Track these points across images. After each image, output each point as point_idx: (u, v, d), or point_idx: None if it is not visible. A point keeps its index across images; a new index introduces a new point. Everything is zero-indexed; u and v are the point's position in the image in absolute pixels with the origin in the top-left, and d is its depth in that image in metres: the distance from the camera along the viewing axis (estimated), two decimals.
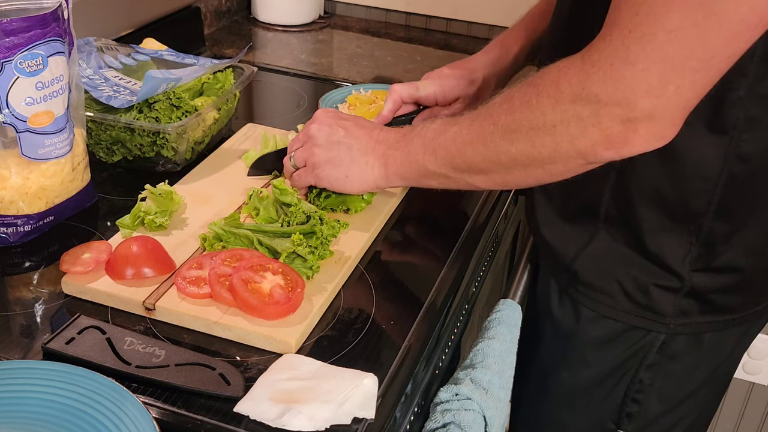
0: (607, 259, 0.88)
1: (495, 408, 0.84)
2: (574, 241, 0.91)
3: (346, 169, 0.90)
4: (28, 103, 0.85)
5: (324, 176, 0.91)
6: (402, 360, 0.77)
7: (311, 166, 0.92)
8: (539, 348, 1.02)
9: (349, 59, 1.60)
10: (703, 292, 0.86)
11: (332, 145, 0.90)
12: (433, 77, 1.07)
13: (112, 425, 0.64)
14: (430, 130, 0.84)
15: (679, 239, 0.84)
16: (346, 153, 0.90)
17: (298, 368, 0.73)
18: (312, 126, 0.93)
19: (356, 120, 0.93)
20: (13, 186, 0.88)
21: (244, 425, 0.68)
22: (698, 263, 0.85)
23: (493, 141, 0.77)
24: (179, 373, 0.72)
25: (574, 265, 0.91)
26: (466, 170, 0.82)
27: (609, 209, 0.86)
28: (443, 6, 1.74)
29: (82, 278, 0.82)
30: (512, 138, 0.75)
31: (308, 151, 0.92)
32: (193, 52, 1.24)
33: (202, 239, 0.89)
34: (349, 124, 0.91)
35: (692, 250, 0.84)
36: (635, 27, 0.65)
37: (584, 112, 0.69)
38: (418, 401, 0.81)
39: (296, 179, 0.95)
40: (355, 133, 0.90)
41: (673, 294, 0.87)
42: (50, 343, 0.74)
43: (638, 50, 0.65)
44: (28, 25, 0.82)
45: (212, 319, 0.78)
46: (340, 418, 0.68)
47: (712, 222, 0.82)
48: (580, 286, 0.92)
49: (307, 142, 0.93)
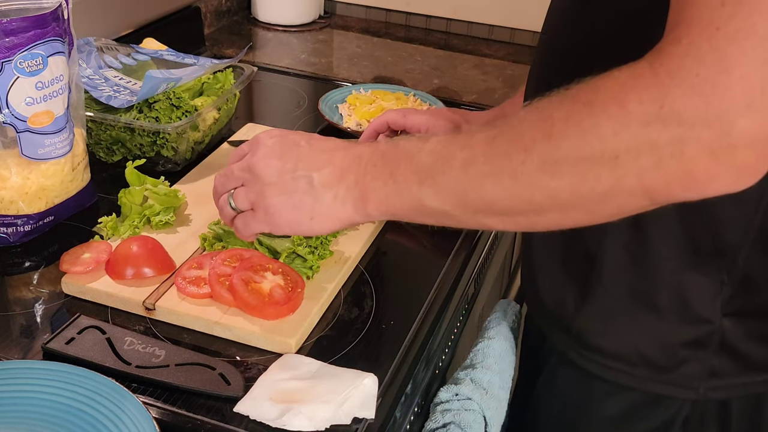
0: (616, 314, 0.75)
1: (495, 408, 0.84)
2: (571, 293, 0.77)
3: (309, 210, 0.69)
4: (28, 103, 0.85)
5: (282, 222, 0.70)
6: (402, 360, 0.77)
7: (262, 210, 0.70)
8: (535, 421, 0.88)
9: (349, 59, 1.60)
10: (738, 342, 0.73)
11: (286, 181, 0.69)
12: (425, 112, 1.04)
13: (112, 425, 0.64)
14: (425, 153, 0.63)
15: (708, 278, 0.70)
16: (306, 189, 0.68)
17: (298, 368, 0.73)
18: (256, 158, 0.71)
19: (311, 140, 0.71)
20: (13, 186, 0.88)
21: (244, 425, 0.68)
22: (732, 305, 0.71)
23: (525, 173, 0.57)
24: (179, 373, 0.72)
25: (576, 325, 0.78)
26: (480, 210, 0.62)
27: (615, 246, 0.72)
28: (443, 6, 1.74)
29: (82, 278, 0.82)
30: (554, 171, 0.56)
31: (255, 191, 0.71)
32: (193, 52, 1.24)
33: (202, 239, 0.89)
34: (304, 149, 0.70)
35: (724, 290, 0.71)
36: (725, 22, 0.50)
37: (661, 138, 0.52)
38: (418, 401, 0.81)
39: (242, 227, 0.73)
40: (314, 161, 0.69)
41: (702, 349, 0.73)
42: (50, 343, 0.74)
43: (734, 52, 0.49)
44: (27, 25, 0.82)
45: (212, 319, 0.78)
46: (340, 418, 0.68)
47: (750, 256, 0.68)
48: (585, 351, 0.78)
49: (250, 179, 0.71)
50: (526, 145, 0.57)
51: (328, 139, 0.72)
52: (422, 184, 0.63)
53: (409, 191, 0.64)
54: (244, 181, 0.72)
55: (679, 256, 0.69)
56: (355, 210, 0.68)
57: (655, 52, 0.53)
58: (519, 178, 0.58)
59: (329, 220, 0.69)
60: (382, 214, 0.67)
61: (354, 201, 0.67)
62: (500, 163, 0.58)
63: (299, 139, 0.71)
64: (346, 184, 0.67)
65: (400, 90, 1.31)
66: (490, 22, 1.72)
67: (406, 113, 1.04)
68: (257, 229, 0.72)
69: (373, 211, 0.67)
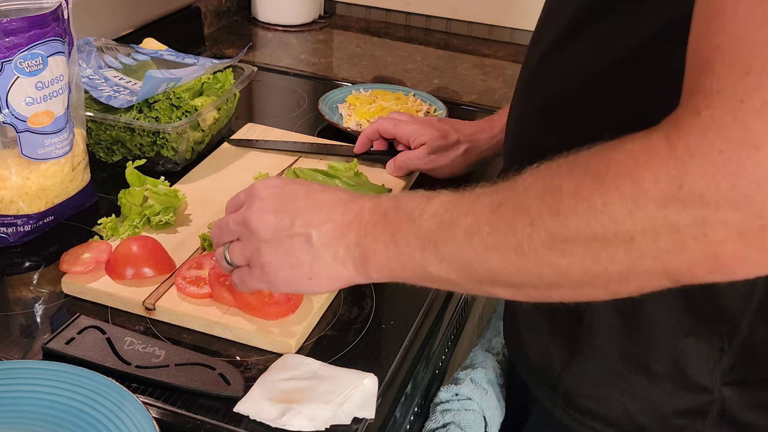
0: (606, 377, 0.71)
1: (495, 408, 0.84)
2: (558, 352, 0.73)
3: (308, 270, 0.65)
4: (28, 103, 0.85)
5: (279, 281, 0.67)
6: (402, 360, 0.77)
7: (258, 267, 0.67)
8: None
9: (349, 59, 1.60)
10: (740, 412, 0.67)
11: (283, 239, 0.65)
12: (415, 121, 1.06)
13: (112, 425, 0.64)
14: (427, 216, 0.59)
15: (706, 345, 0.66)
16: (304, 248, 0.65)
17: (298, 368, 0.73)
18: (251, 212, 0.67)
19: (309, 192, 0.67)
20: (13, 186, 0.88)
21: (244, 425, 0.68)
22: (733, 374, 0.66)
23: (532, 250, 0.53)
24: (179, 373, 0.72)
25: (563, 384, 0.73)
26: (486, 281, 0.58)
27: (605, 306, 0.68)
28: (443, 6, 1.74)
29: (82, 278, 0.82)
30: (563, 249, 0.52)
31: (251, 248, 0.67)
32: (193, 52, 1.24)
33: (202, 239, 0.89)
34: (302, 203, 0.66)
35: (724, 359, 0.66)
36: (750, 94, 0.44)
37: (682, 221, 0.47)
38: (418, 401, 0.81)
39: (238, 283, 0.70)
40: (312, 216, 0.65)
41: (699, 418, 0.68)
42: (50, 343, 0.74)
43: (762, 127, 0.44)
44: (27, 25, 0.82)
45: (212, 319, 0.78)
46: (340, 418, 0.68)
47: (753, 324, 0.64)
48: (573, 412, 0.74)
49: (246, 234, 0.68)
50: (532, 218, 0.53)
51: (327, 189, 0.68)
52: (425, 250, 0.59)
53: (412, 257, 0.60)
54: (239, 235, 0.68)
55: (675, 320, 0.65)
56: (356, 271, 0.64)
57: (671, 124, 0.48)
58: (526, 252, 0.53)
59: (329, 280, 0.66)
60: (383, 277, 0.63)
61: (355, 261, 0.63)
62: (505, 236, 0.54)
63: (297, 191, 0.67)
64: (346, 243, 0.63)
65: (400, 90, 1.31)
66: (490, 22, 1.72)
67: (397, 122, 1.06)
68: (254, 286, 0.69)
69: (374, 274, 0.63)
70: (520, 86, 0.77)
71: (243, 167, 1.07)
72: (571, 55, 0.68)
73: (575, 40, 0.67)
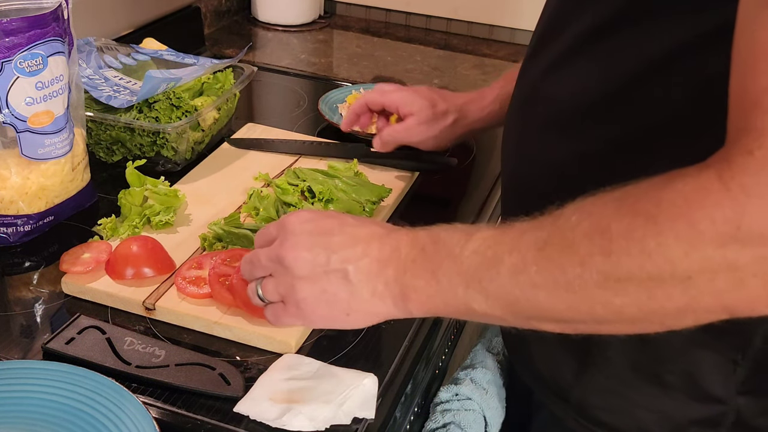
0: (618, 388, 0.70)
1: (495, 408, 0.84)
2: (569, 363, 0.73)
3: (345, 306, 0.64)
4: (28, 103, 0.85)
5: (316, 317, 0.66)
6: (402, 360, 0.77)
7: (293, 303, 0.66)
8: None
9: (349, 59, 1.60)
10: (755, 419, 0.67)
11: (319, 275, 0.64)
12: (402, 89, 1.04)
13: (112, 425, 0.64)
14: (468, 252, 0.58)
15: (720, 357, 0.65)
16: (341, 285, 0.64)
17: (298, 368, 0.73)
18: (284, 249, 0.65)
19: (343, 226, 0.66)
20: (13, 186, 0.88)
21: (244, 425, 0.68)
22: (747, 385, 0.66)
23: (583, 288, 0.52)
24: (179, 373, 0.72)
25: (575, 395, 0.73)
26: (534, 317, 0.57)
27: None
28: (443, 6, 1.74)
29: (82, 278, 0.82)
30: (617, 288, 0.51)
31: (285, 284, 0.66)
32: (193, 52, 1.24)
33: (202, 239, 0.89)
34: (337, 238, 0.65)
35: (738, 371, 0.66)
36: None
37: (741, 259, 0.47)
38: (418, 401, 0.81)
39: (272, 319, 0.69)
40: (349, 252, 0.64)
41: (714, 427, 0.68)
42: (50, 343, 0.74)
43: None
44: (27, 25, 0.82)
45: (212, 319, 0.78)
46: (340, 418, 0.68)
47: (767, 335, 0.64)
48: (586, 422, 0.73)
49: (280, 270, 0.66)
50: (582, 258, 0.52)
51: (361, 222, 0.67)
52: (468, 288, 0.58)
53: (454, 294, 0.59)
54: (272, 271, 0.67)
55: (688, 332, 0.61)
56: (395, 307, 0.63)
57: (722, 163, 0.48)
58: (577, 291, 0.53)
59: (367, 316, 0.65)
60: (424, 312, 0.62)
61: (394, 298, 0.62)
62: (554, 275, 0.53)
63: (331, 226, 0.65)
64: (385, 279, 0.62)
65: None
66: (490, 22, 1.72)
67: (384, 92, 1.03)
68: (288, 323, 0.68)
69: (415, 310, 0.62)
70: (520, 101, 0.76)
71: (243, 167, 1.07)
72: (577, 72, 0.67)
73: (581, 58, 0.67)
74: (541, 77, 0.71)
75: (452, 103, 1.03)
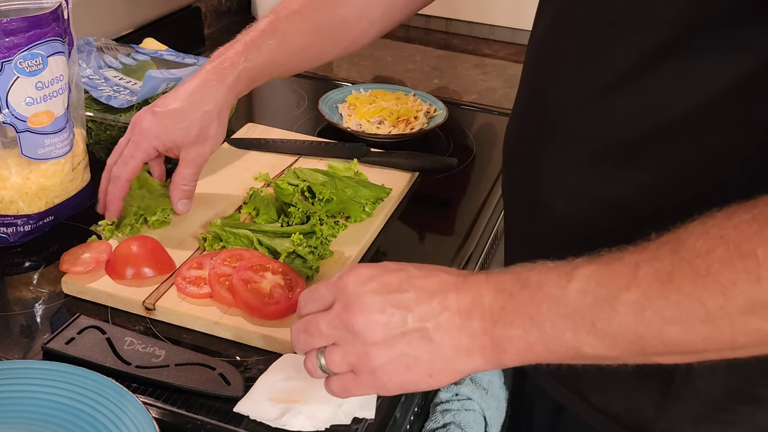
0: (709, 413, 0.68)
1: (495, 408, 0.84)
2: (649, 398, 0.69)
3: (427, 368, 0.58)
4: (28, 103, 0.85)
5: (395, 385, 0.60)
6: None
7: (368, 373, 0.59)
8: None
9: (349, 59, 1.60)
10: None
11: (396, 338, 0.58)
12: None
13: (112, 425, 0.64)
14: (572, 293, 0.54)
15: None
16: (421, 345, 0.58)
17: (298, 368, 0.73)
18: (353, 315, 0.59)
19: (410, 279, 0.60)
20: (13, 186, 0.88)
21: (244, 425, 0.68)
22: None
23: (725, 318, 0.49)
24: (179, 373, 0.72)
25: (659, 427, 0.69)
26: (660, 353, 0.54)
27: None
28: (443, 6, 1.74)
29: (82, 278, 0.82)
30: (765, 315, 0.49)
31: (356, 353, 0.59)
32: (193, 52, 1.24)
33: (202, 239, 0.89)
34: (408, 295, 0.58)
35: None
36: None
37: None
38: (418, 401, 0.81)
39: (340, 391, 0.62)
40: (425, 310, 0.58)
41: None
42: (50, 343, 0.74)
43: None
44: (27, 25, 0.82)
45: (212, 319, 0.78)
46: (340, 418, 0.68)
47: None
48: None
49: (347, 338, 0.59)
50: (723, 287, 0.48)
51: (427, 272, 0.61)
52: (578, 331, 0.53)
53: (561, 340, 0.54)
54: (336, 340, 0.60)
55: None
56: (485, 361, 0.58)
57: None
58: (717, 322, 0.49)
59: (451, 374, 0.59)
60: (521, 362, 0.57)
61: (483, 351, 0.57)
62: (689, 308, 0.50)
63: (398, 282, 0.59)
64: (471, 333, 0.57)
65: (400, 90, 1.31)
66: (490, 22, 1.72)
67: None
68: (362, 393, 0.62)
69: (510, 362, 0.57)
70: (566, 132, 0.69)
71: (243, 167, 1.07)
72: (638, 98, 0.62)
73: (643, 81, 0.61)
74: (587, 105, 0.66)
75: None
